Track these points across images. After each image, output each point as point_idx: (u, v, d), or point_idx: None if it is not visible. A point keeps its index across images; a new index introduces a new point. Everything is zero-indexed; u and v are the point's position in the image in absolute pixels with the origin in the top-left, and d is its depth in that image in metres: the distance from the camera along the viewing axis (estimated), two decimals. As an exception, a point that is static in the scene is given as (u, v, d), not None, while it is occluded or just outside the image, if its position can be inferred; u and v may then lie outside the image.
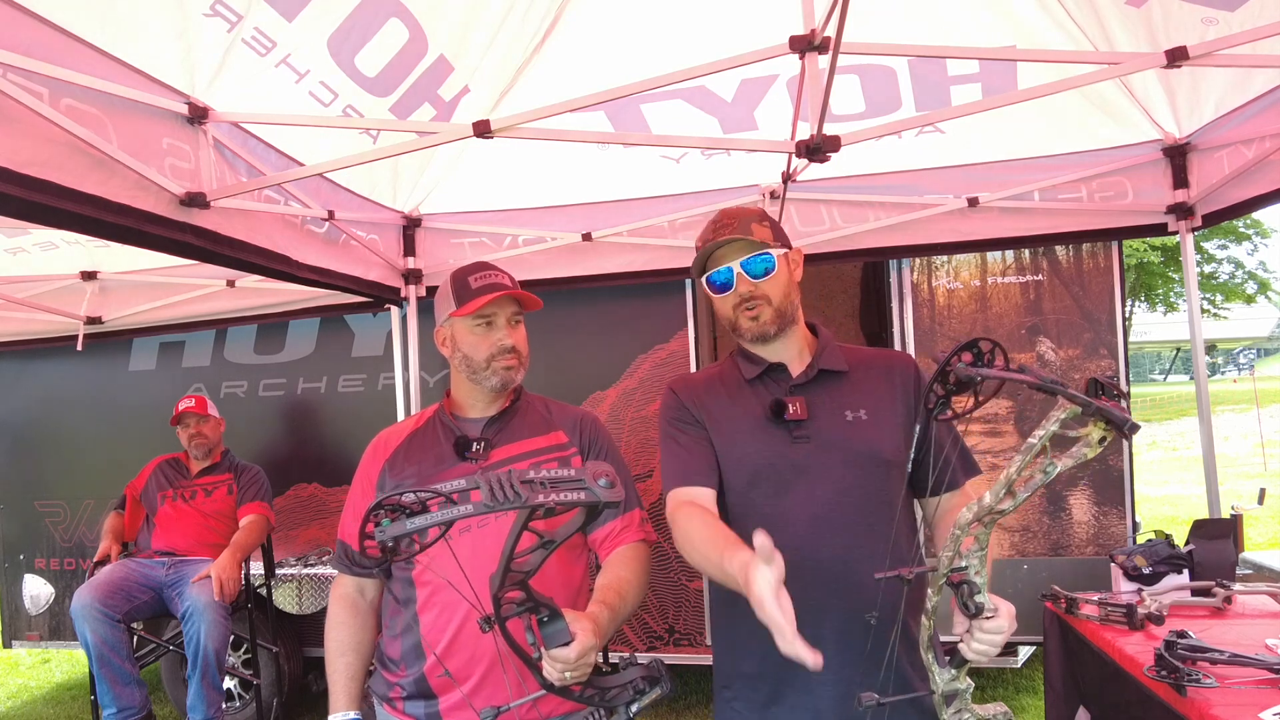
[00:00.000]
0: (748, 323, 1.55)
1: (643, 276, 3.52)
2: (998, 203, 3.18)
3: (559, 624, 1.24)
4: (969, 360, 1.10)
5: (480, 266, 1.72)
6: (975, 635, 1.20)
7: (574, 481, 1.02)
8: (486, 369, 1.68)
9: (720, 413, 1.59)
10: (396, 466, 1.71)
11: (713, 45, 2.05)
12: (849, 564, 1.46)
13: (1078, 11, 2.32)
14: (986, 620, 1.18)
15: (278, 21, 1.99)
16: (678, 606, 3.93)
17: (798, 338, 1.61)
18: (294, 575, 4.13)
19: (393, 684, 1.67)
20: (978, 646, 1.20)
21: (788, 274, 1.57)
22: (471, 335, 1.69)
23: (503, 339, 1.68)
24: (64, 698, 5.18)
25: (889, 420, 1.54)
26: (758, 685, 1.53)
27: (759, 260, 1.53)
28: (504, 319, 1.69)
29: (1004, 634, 1.19)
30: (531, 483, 1.00)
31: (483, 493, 0.98)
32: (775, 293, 1.54)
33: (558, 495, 0.99)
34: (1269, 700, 1.63)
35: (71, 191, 1.71)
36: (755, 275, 1.53)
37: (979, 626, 1.19)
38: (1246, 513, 3.01)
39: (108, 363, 4.60)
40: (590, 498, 1.00)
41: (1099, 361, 3.50)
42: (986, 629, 1.18)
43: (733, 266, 1.53)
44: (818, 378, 1.57)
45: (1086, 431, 1.07)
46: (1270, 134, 2.50)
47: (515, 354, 1.70)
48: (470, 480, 1.00)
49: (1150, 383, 46.02)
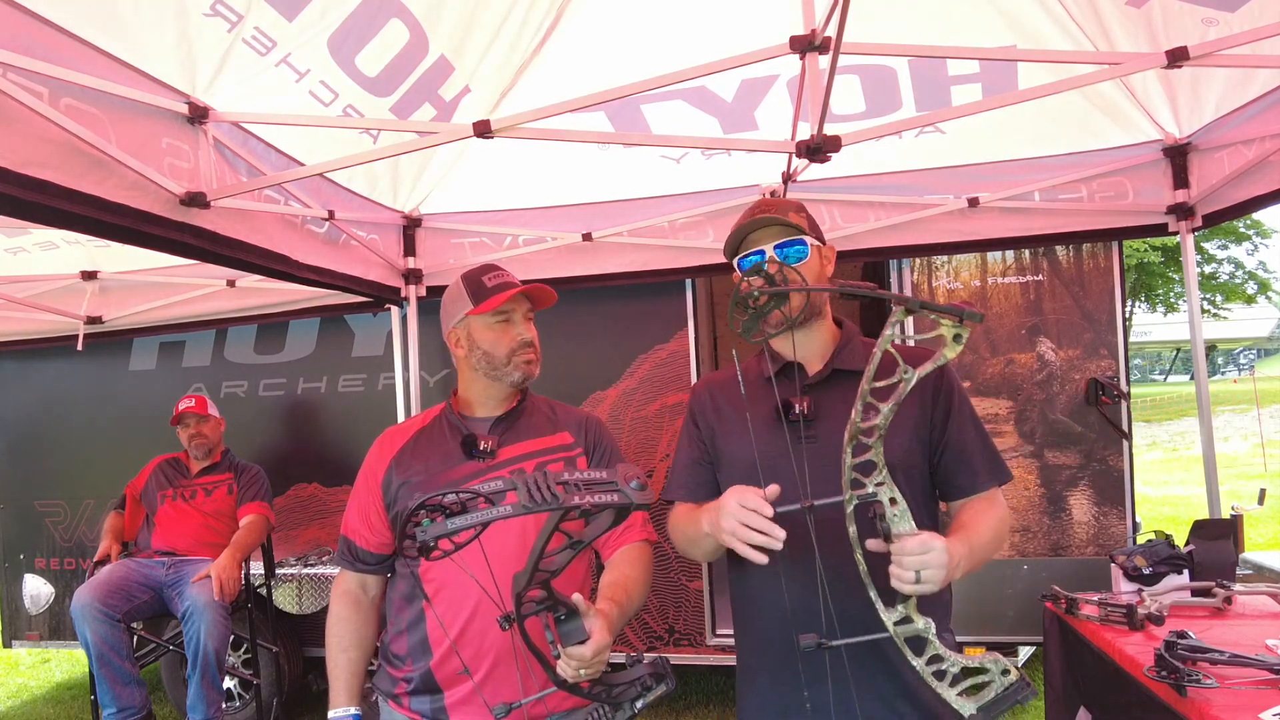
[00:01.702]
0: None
1: (643, 276, 3.52)
2: (998, 203, 3.18)
3: (576, 622, 1.27)
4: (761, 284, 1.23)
5: (490, 267, 1.76)
6: (893, 559, 1.20)
7: (607, 484, 1.04)
8: (508, 364, 1.71)
9: (733, 410, 1.60)
10: (403, 464, 1.71)
11: (713, 45, 2.05)
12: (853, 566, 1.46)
13: (1078, 11, 2.33)
14: (901, 541, 1.19)
15: (278, 21, 1.99)
16: (678, 606, 3.93)
17: (823, 333, 1.59)
18: (294, 575, 4.13)
19: (398, 680, 1.67)
20: (896, 570, 1.20)
21: (819, 266, 1.56)
22: (491, 332, 1.71)
23: (522, 333, 1.72)
24: (64, 697, 5.18)
25: (901, 422, 1.52)
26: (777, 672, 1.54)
27: (793, 246, 1.52)
28: (520, 315, 1.73)
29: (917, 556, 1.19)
30: (567, 484, 1.01)
31: (520, 494, 1.00)
32: (807, 280, 1.53)
33: (593, 498, 1.01)
34: (1269, 701, 1.63)
35: (71, 191, 1.71)
36: (788, 261, 1.52)
37: (894, 549, 1.19)
38: (1247, 513, 3.01)
39: (108, 363, 4.60)
40: (623, 500, 1.03)
41: (1099, 362, 3.50)
42: (896, 551, 1.19)
43: (765, 249, 1.53)
44: (832, 377, 1.55)
45: (936, 333, 1.12)
46: (1270, 134, 2.50)
47: (533, 348, 1.74)
48: (507, 482, 1.02)
49: (1150, 383, 46.03)
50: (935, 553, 1.20)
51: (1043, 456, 3.53)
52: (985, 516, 1.46)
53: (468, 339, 1.74)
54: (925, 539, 1.21)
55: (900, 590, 1.22)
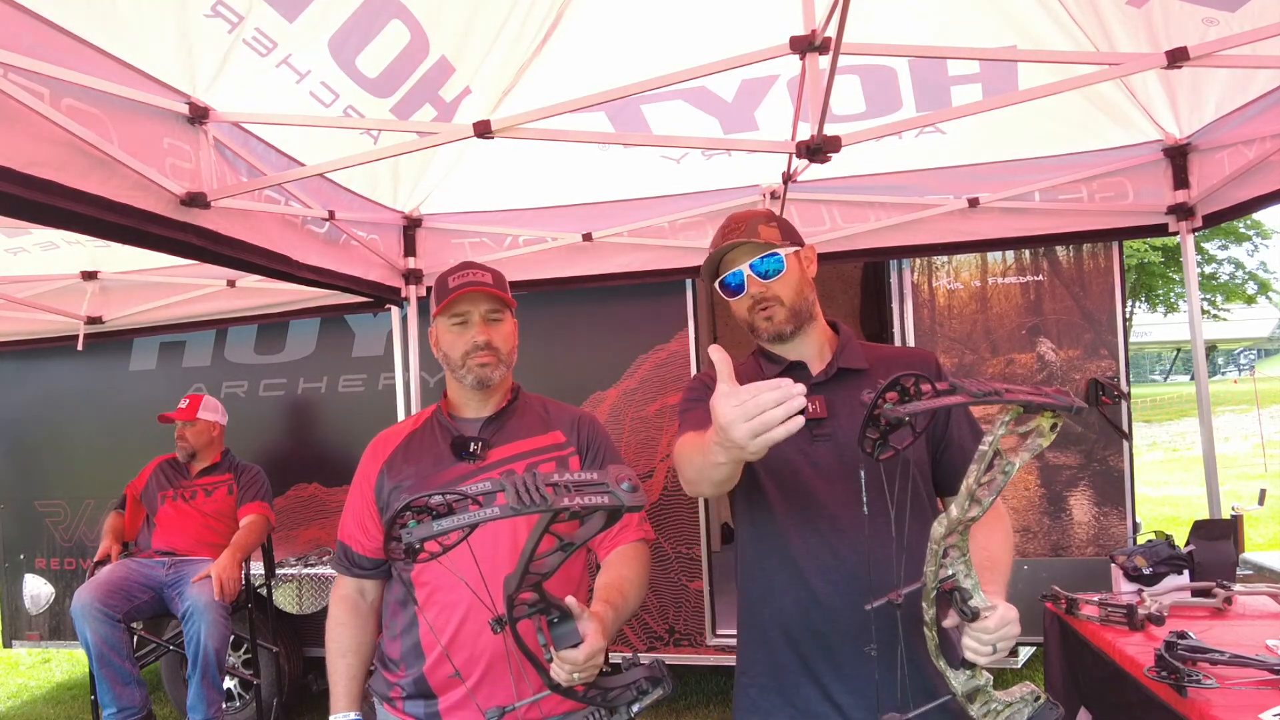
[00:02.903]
0: (763, 323, 1.55)
1: (643, 276, 3.52)
2: (998, 203, 3.18)
3: (569, 625, 1.25)
4: (895, 399, 1.09)
5: (462, 266, 1.74)
6: (969, 636, 1.20)
7: (597, 485, 1.01)
8: (462, 366, 1.70)
9: None
10: (395, 468, 1.71)
11: (713, 45, 2.05)
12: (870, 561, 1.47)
13: (1078, 12, 2.32)
14: (983, 620, 1.18)
15: (279, 22, 1.99)
16: (678, 607, 3.93)
17: (817, 335, 1.60)
18: (294, 575, 4.13)
19: (393, 684, 1.67)
20: (973, 644, 1.21)
21: (799, 272, 1.57)
22: (449, 334, 1.72)
23: (475, 336, 1.69)
24: (64, 697, 5.18)
25: None
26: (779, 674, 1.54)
27: (766, 261, 1.53)
28: (478, 316, 1.71)
29: (997, 633, 1.19)
30: (556, 486, 1.00)
31: (508, 496, 0.98)
32: (786, 292, 1.54)
33: (582, 499, 0.99)
34: (1269, 701, 1.63)
35: (72, 191, 1.71)
36: (765, 276, 1.53)
37: (974, 627, 1.19)
38: (1247, 513, 3.01)
39: (108, 363, 4.60)
40: (614, 502, 1.00)
41: (1099, 362, 3.50)
42: (976, 629, 1.19)
43: (742, 270, 1.54)
44: (838, 376, 1.56)
45: (1036, 424, 1.07)
46: (1271, 134, 2.50)
47: (490, 351, 1.70)
48: (496, 483, 1.00)
49: (1151, 383, 46.01)
50: (1012, 625, 1.20)
51: (1043, 457, 3.53)
52: (1001, 541, 1.47)
53: (436, 340, 1.76)
54: (1004, 614, 1.20)
55: (976, 662, 1.22)
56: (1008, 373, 3.58)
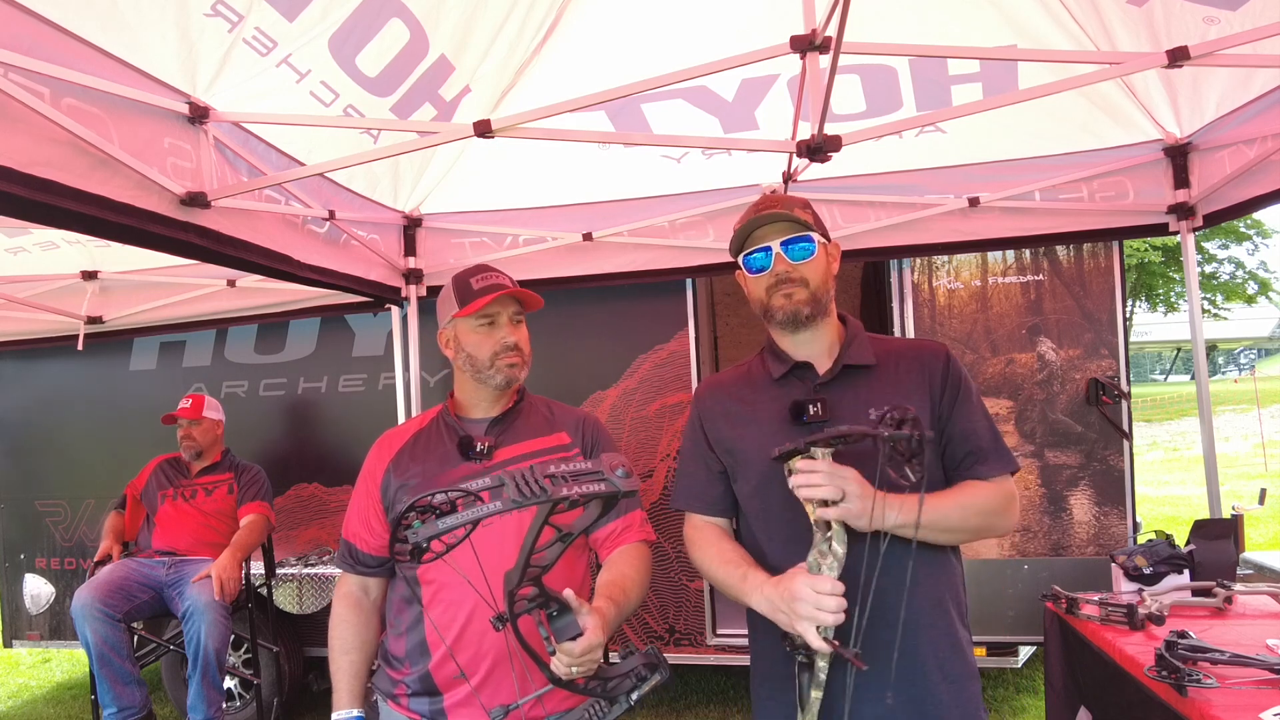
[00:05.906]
0: (781, 300, 1.52)
1: (643, 276, 3.51)
2: (998, 203, 3.18)
3: (569, 617, 1.27)
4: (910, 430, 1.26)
5: (481, 269, 1.76)
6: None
7: (593, 474, 1.04)
8: (491, 367, 1.70)
9: (743, 414, 1.59)
10: (401, 467, 1.72)
11: (713, 45, 2.06)
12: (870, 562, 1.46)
13: (1079, 11, 2.32)
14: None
15: (279, 21, 1.99)
16: (678, 606, 3.93)
17: (828, 331, 1.58)
18: (294, 575, 4.12)
19: (397, 681, 1.68)
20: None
21: (826, 263, 1.55)
22: (475, 335, 1.71)
23: (505, 337, 1.70)
24: (64, 697, 5.18)
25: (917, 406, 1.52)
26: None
27: (800, 242, 1.51)
28: (506, 318, 1.72)
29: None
30: (554, 477, 1.01)
31: (509, 490, 0.99)
32: (813, 277, 1.52)
33: (580, 488, 1.02)
34: (1269, 701, 1.63)
35: (73, 191, 1.71)
36: (795, 257, 1.51)
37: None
38: (1247, 513, 3.01)
39: (108, 362, 4.60)
40: (610, 488, 1.03)
41: (1099, 362, 3.50)
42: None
43: (771, 246, 1.51)
44: (843, 374, 1.54)
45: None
46: (1271, 134, 2.50)
47: (518, 352, 1.72)
48: (495, 478, 1.02)
49: (1151, 383, 46.00)
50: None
51: (1043, 456, 3.53)
52: (978, 486, 1.49)
53: (455, 341, 1.75)
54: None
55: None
56: (1008, 372, 3.58)
